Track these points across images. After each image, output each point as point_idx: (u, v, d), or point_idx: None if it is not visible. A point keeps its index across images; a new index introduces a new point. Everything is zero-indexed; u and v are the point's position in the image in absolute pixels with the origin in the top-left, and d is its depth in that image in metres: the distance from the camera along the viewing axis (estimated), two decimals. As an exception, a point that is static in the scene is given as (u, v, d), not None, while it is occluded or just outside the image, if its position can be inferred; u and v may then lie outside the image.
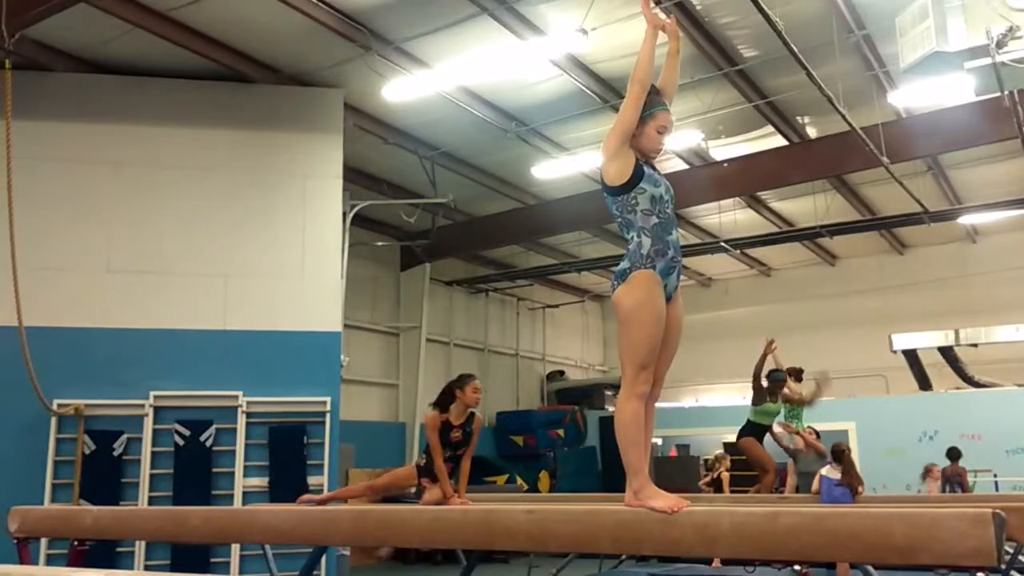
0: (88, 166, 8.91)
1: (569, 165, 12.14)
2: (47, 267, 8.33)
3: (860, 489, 7.09)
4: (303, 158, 9.61)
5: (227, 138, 9.40)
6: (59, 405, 8.13)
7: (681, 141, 11.56)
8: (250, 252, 9.21)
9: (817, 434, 8.54)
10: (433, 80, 9.50)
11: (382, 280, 14.72)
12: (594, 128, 11.14)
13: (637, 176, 3.14)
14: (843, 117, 9.20)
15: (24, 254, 7.23)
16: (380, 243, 13.88)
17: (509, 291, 17.63)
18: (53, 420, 8.14)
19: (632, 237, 3.16)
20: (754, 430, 8.42)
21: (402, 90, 9.69)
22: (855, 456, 10.34)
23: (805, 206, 14.14)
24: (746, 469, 10.84)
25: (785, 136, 11.57)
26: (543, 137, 11.47)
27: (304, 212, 9.48)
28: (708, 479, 12.62)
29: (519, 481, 14.89)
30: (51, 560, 7.32)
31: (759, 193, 13.62)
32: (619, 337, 3.15)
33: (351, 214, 11.10)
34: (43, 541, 7.12)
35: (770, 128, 11.42)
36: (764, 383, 8.52)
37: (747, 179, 12.05)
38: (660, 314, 3.12)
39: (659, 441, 18.01)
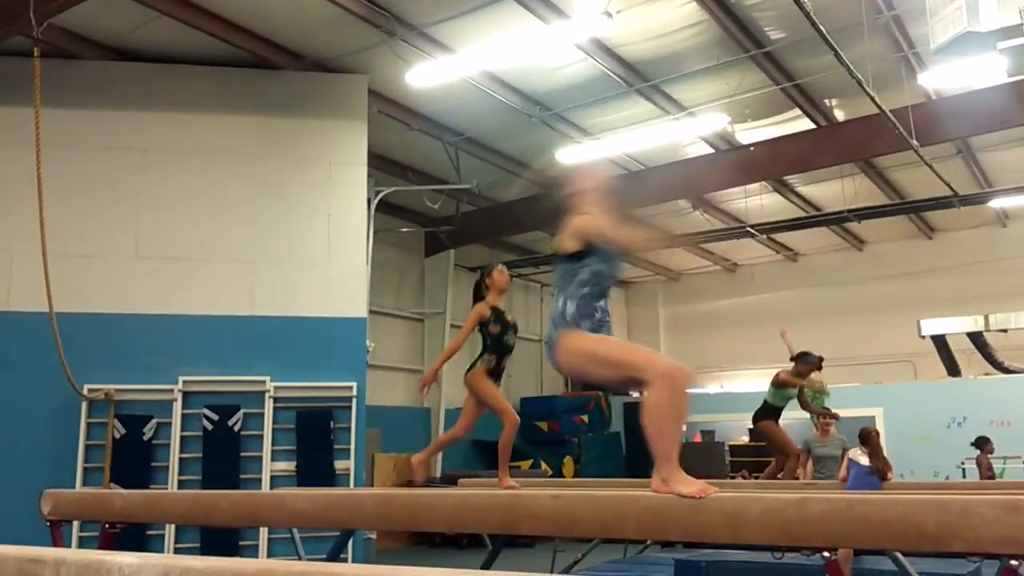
0: (116, 153, 9.01)
1: (593, 150, 12.09)
2: (77, 254, 8.44)
3: (888, 475, 7.04)
4: (328, 145, 9.65)
5: (253, 125, 9.45)
6: (90, 390, 8.27)
7: (707, 125, 11.46)
8: (276, 238, 9.28)
9: (834, 417, 8.48)
10: (457, 65, 9.48)
11: (407, 266, 14.77)
12: (619, 112, 11.08)
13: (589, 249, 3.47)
14: (872, 99, 9.08)
15: (54, 241, 7.33)
16: (405, 229, 13.92)
17: (533, 277, 17.62)
18: (84, 405, 8.27)
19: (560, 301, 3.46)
20: (771, 412, 8.37)
21: (426, 75, 9.68)
22: (882, 443, 10.25)
23: (832, 190, 13.99)
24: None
25: (812, 119, 11.44)
26: (567, 122, 11.42)
27: (329, 199, 9.53)
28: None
29: (543, 466, 14.94)
30: (83, 543, 7.45)
31: (786, 177, 13.49)
32: (597, 374, 3.38)
33: (376, 200, 11.14)
34: (75, 524, 7.23)
35: (797, 111, 11.29)
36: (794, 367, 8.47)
37: (774, 163, 11.93)
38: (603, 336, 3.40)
39: (684, 427, 17.99)
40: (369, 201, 10.24)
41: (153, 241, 8.94)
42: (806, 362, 8.49)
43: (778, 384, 8.64)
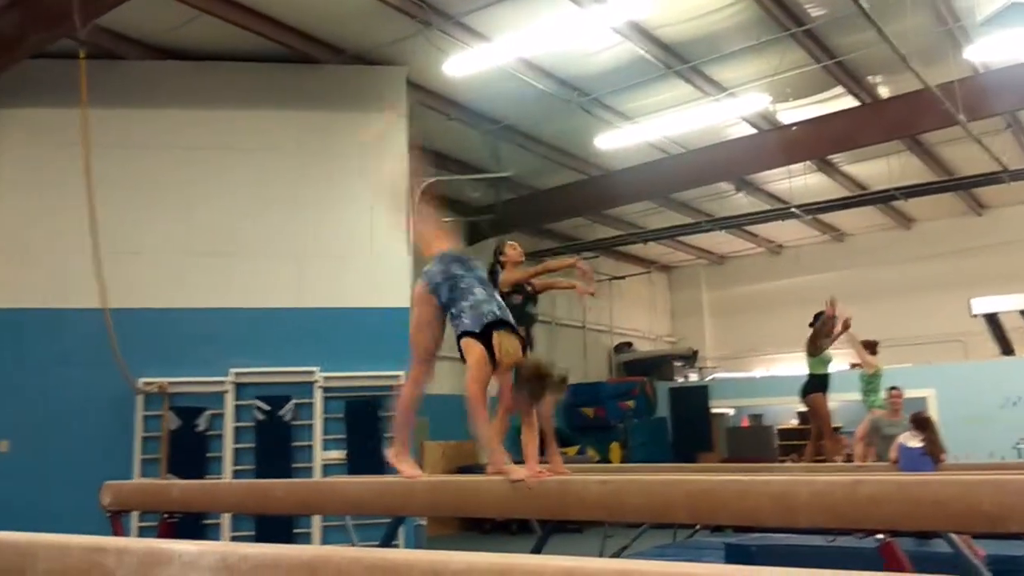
0: (163, 151, 9.19)
1: (633, 134, 12.02)
2: (129, 251, 8.62)
3: (943, 457, 6.93)
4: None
5: (294, 119, 9.57)
6: (144, 383, 8.48)
7: (748, 105, 11.33)
8: (321, 231, 9.39)
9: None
10: (493, 53, 9.48)
11: (449, 256, 14.82)
12: (658, 95, 10.99)
13: None
14: (916, 75, 8.89)
15: (106, 239, 7.51)
16: (446, 219, 13.96)
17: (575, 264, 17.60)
18: (139, 398, 8.50)
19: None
20: (818, 383, 8.27)
21: (463, 65, 9.70)
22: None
23: (878, 168, 13.73)
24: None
25: (856, 96, 11.24)
26: (605, 107, 11.36)
27: (371, 191, 9.61)
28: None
29: (590, 452, 14.96)
30: (142, 532, 7.65)
31: (830, 156, 13.28)
32: None
33: (417, 191, 11.19)
34: (134, 514, 7.43)
35: (840, 89, 11.10)
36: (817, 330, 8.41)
37: (817, 142, 11.75)
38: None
39: (731, 411, 17.87)
40: (410, 192, 10.29)
41: (202, 237, 9.11)
42: (822, 322, 8.46)
43: (810, 350, 8.57)
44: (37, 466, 8.23)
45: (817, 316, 8.52)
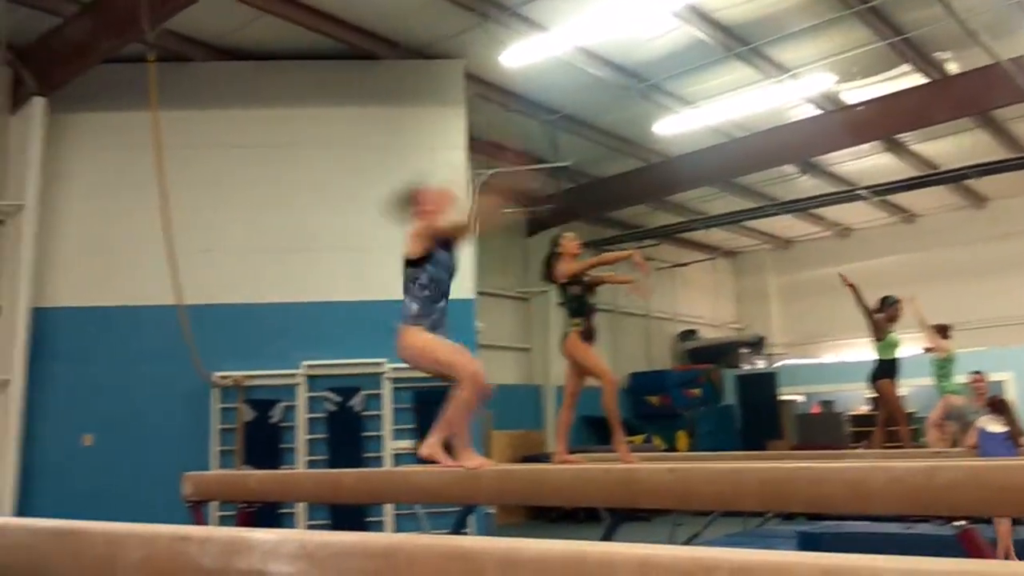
0: (230, 150, 9.41)
1: (693, 119, 11.87)
2: (201, 249, 8.86)
3: (1022, 441, 6.72)
4: (429, 131, 9.82)
5: (356, 115, 9.71)
6: (219, 377, 8.74)
7: (812, 86, 11.09)
8: (383, 225, 9.47)
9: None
10: (551, 43, 9.46)
11: (510, 247, 14.88)
12: (718, 79, 10.84)
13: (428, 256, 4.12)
14: (986, 49, 8.59)
15: (179, 238, 7.74)
16: (506, 211, 14.00)
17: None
18: (215, 391, 8.76)
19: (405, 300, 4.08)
20: (887, 369, 8.06)
21: (520, 56, 9.71)
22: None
23: (949, 146, 13.32)
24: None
25: (924, 73, 10.90)
26: (664, 92, 11.25)
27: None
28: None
29: (656, 441, 14.88)
30: (221, 522, 7.88)
31: (898, 136, 12.93)
32: (423, 366, 4.18)
33: (477, 183, 11.26)
34: (212, 504, 7.65)
35: (907, 66, 10.78)
36: (879, 315, 8.18)
37: (885, 122, 11.45)
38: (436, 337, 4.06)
39: (801, 398, 17.57)
40: (470, 184, 10.37)
41: (270, 233, 9.32)
42: (888, 304, 8.22)
43: (876, 335, 8.36)
44: (120, 458, 8.56)
45: (883, 300, 8.30)
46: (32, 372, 8.52)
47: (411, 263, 4.15)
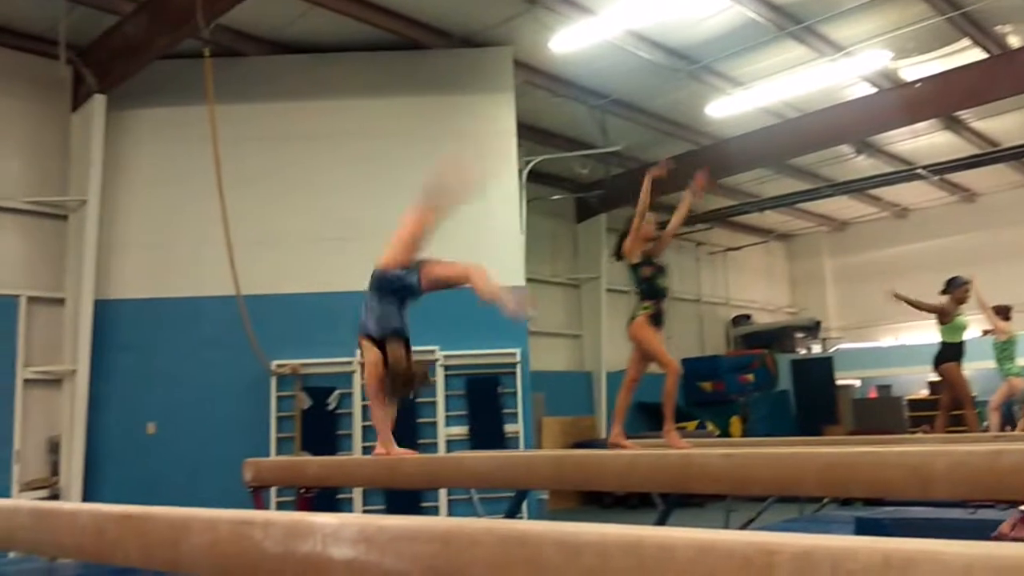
0: (284, 143, 9.55)
1: (745, 100, 11.71)
2: (258, 240, 9.02)
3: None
4: (478, 118, 9.85)
5: (407, 105, 9.78)
6: (277, 365, 8.91)
7: (867, 64, 10.85)
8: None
9: None
10: (599, 27, 9.40)
11: (560, 233, 14.84)
12: (771, 59, 10.66)
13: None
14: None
15: (237, 229, 7.89)
16: (556, 197, 13.99)
17: (688, 236, 17.27)
18: (273, 379, 8.93)
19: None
20: (953, 352, 7.85)
21: (569, 41, 9.66)
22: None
23: (1010, 123, 12.93)
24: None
25: (983, 48, 10.59)
26: (716, 73, 11.10)
27: (482, 171, 9.73)
28: None
29: (709, 427, 14.75)
30: (280, 507, 8.04)
31: (957, 113, 12.57)
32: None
33: (526, 170, 11.27)
34: (272, 490, 7.81)
35: (966, 41, 10.48)
36: (945, 296, 7.97)
37: (943, 99, 11.13)
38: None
39: (857, 383, 17.28)
40: (520, 171, 10.37)
41: (325, 223, 9.45)
42: (955, 285, 7.98)
43: (941, 318, 8.14)
44: (182, 446, 8.79)
45: (949, 282, 8.09)
46: (96, 363, 8.78)
47: (382, 275, 4.82)
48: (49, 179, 9.13)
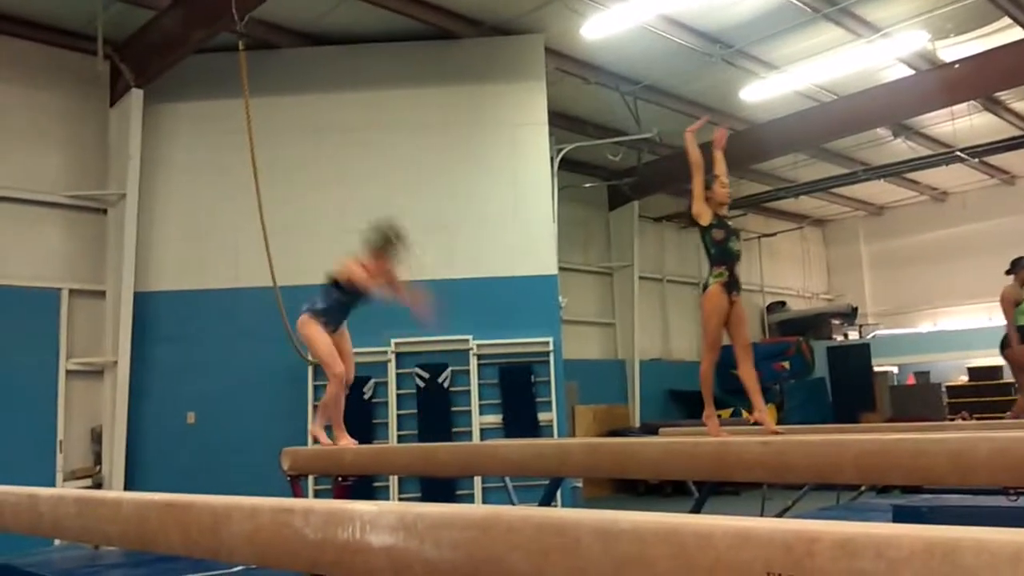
0: (317, 134, 9.62)
1: (780, 84, 11.56)
2: (292, 230, 9.08)
3: None
4: (509, 107, 9.84)
5: (438, 95, 9.79)
6: (313, 355, 8.96)
7: (904, 45, 10.65)
8: (468, 203, 9.61)
9: None
10: (631, 12, 9.33)
11: (592, 221, 14.80)
12: (806, 41, 10.51)
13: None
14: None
15: (272, 220, 7.96)
16: (588, 184, 13.94)
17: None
18: (309, 369, 9.01)
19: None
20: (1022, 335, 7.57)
21: (600, 27, 9.60)
22: None
23: (1053, 104, 12.64)
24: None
25: (1025, 27, 10.35)
26: (750, 57, 10.97)
27: (513, 160, 9.73)
28: None
29: (744, 415, 14.65)
30: (317, 495, 8.14)
31: (997, 94, 12.31)
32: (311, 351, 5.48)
33: (558, 158, 11.23)
34: (310, 478, 7.90)
35: (1006, 20, 10.24)
36: (1009, 279, 7.76)
37: (982, 80, 10.91)
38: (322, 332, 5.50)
39: (895, 369, 17.05)
40: (552, 159, 10.35)
41: (359, 213, 9.43)
42: (1021, 267, 7.73)
43: (1006, 303, 7.91)
44: (221, 435, 8.92)
45: (1015, 263, 7.86)
46: (136, 354, 8.94)
47: (331, 282, 5.57)
48: (89, 173, 9.28)
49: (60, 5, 8.76)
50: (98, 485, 8.61)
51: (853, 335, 17.74)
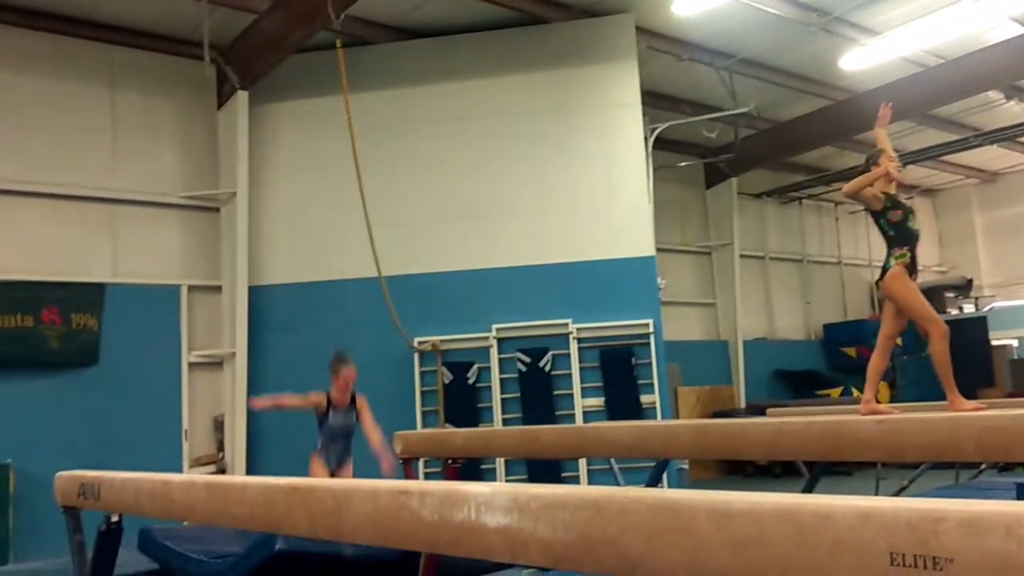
0: (414, 126, 9.79)
1: (882, 50, 11.12)
2: (395, 222, 9.30)
3: None
4: (601, 89, 9.78)
5: (530, 81, 9.83)
6: (419, 342, 9.23)
7: (1014, 1, 10.06)
8: (563, 187, 9.63)
9: None
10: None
11: (689, 200, 14.58)
12: (907, 4, 10.09)
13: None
14: None
15: (373, 213, 8.17)
16: (683, 163, 13.72)
17: (825, 196, 16.60)
18: (415, 356, 9.26)
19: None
20: None
21: (692, 1, 9.43)
22: None
23: None
24: None
25: None
26: (849, 24, 10.58)
27: (607, 142, 9.69)
28: None
29: (855, 393, 14.22)
30: (427, 477, 8.35)
31: None
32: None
33: (652, 138, 11.11)
34: (420, 461, 8.10)
35: None
36: None
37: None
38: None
39: (1014, 343, 16.23)
40: (646, 139, 10.24)
41: (457, 202, 9.66)
42: None
43: None
44: (333, 421, 9.21)
45: None
46: (252, 345, 9.32)
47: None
48: (201, 174, 9.70)
49: (168, 14, 9.16)
50: (221, 471, 9.04)
51: (968, 308, 16.96)
